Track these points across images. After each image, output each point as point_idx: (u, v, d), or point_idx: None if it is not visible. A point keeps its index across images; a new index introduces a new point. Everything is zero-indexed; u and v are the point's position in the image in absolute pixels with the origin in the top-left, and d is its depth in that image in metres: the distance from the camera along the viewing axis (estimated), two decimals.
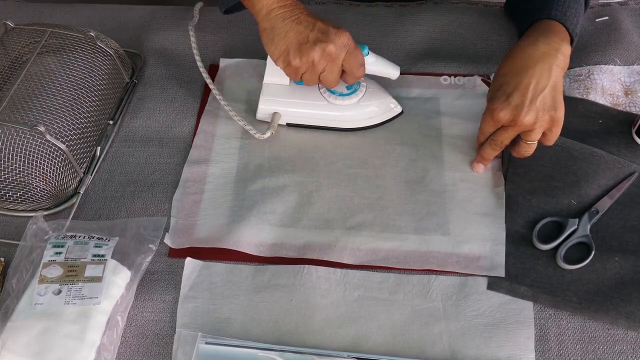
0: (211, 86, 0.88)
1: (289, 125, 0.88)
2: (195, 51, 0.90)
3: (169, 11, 1.04)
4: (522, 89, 0.77)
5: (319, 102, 0.86)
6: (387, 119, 0.88)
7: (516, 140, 0.81)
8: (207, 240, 0.77)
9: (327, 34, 0.77)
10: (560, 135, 0.85)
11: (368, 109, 0.86)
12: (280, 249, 0.77)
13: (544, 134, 0.80)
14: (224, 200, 0.81)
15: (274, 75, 0.85)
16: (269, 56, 0.82)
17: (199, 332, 0.70)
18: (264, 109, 0.86)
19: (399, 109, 0.88)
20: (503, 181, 0.82)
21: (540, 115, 0.77)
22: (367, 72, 0.83)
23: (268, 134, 0.85)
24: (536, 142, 0.80)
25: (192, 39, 0.90)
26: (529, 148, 0.80)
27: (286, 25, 0.78)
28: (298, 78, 0.81)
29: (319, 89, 0.86)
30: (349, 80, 0.82)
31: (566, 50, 0.80)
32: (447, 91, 0.92)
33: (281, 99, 0.86)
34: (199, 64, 0.89)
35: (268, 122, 0.86)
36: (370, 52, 0.83)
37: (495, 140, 0.80)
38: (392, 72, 0.85)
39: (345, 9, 1.04)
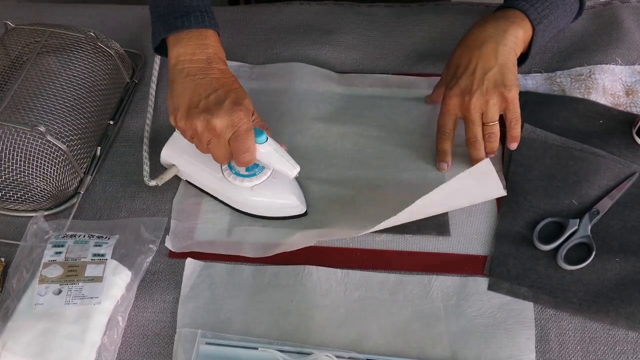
0: (147, 122, 0.88)
1: (187, 182, 0.82)
2: (154, 77, 0.90)
3: None
4: (469, 70, 0.79)
5: (215, 172, 0.78)
6: (280, 215, 0.79)
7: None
8: (208, 245, 0.77)
9: (218, 105, 0.70)
10: (561, 135, 0.86)
11: (261, 199, 0.78)
12: (280, 249, 0.77)
13: (505, 116, 0.80)
14: (224, 203, 0.81)
15: None
16: None
17: (199, 330, 0.70)
18: (166, 155, 0.81)
19: (300, 210, 0.79)
20: (504, 181, 0.82)
21: (490, 94, 0.78)
22: (259, 161, 0.74)
23: (153, 183, 0.80)
24: (497, 123, 0.80)
25: (156, 60, 0.89)
26: (492, 130, 0.80)
27: (186, 83, 0.72)
28: (188, 139, 0.74)
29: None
30: (236, 163, 0.73)
31: (515, 32, 0.81)
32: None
33: (183, 154, 0.80)
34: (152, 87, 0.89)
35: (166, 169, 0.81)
36: (269, 141, 0.73)
37: (470, 140, 0.81)
38: (287, 170, 0.74)
39: (346, 10, 1.04)
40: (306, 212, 0.79)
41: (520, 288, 0.73)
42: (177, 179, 0.83)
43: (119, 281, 0.71)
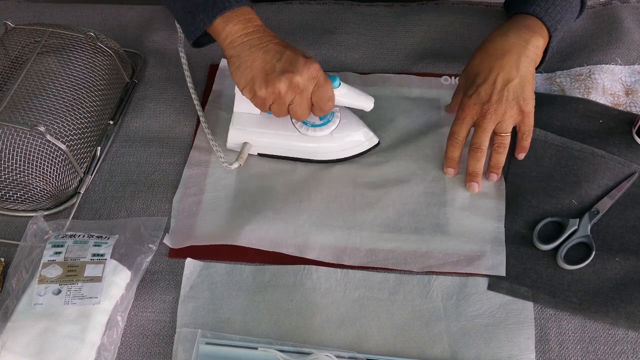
0: (199, 109, 0.88)
1: (260, 155, 0.85)
2: (187, 73, 0.89)
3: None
4: (490, 80, 0.79)
5: (290, 132, 0.82)
6: (361, 151, 0.84)
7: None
8: (206, 239, 0.77)
9: (294, 64, 0.73)
10: (561, 135, 0.86)
11: (341, 141, 0.83)
12: (279, 245, 0.77)
13: (518, 128, 0.80)
14: (224, 201, 0.81)
15: (244, 103, 0.81)
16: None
17: (198, 330, 0.70)
18: (234, 138, 0.83)
19: (375, 141, 0.84)
20: (503, 181, 0.82)
21: (509, 105, 0.78)
22: (338, 104, 0.79)
23: (236, 165, 0.81)
24: (509, 135, 0.80)
25: (183, 60, 0.89)
26: (503, 140, 0.80)
27: (253, 54, 0.74)
28: (266, 109, 0.77)
29: (291, 119, 0.82)
30: (317, 113, 0.78)
31: (537, 42, 0.81)
32: (447, 91, 0.92)
33: (252, 128, 0.82)
34: (190, 85, 0.89)
35: (238, 151, 0.83)
36: (341, 84, 0.78)
37: (474, 145, 0.80)
38: (364, 104, 0.81)
39: (346, 9, 1.04)
40: (379, 142, 0.84)
41: (520, 288, 0.73)
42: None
43: (118, 281, 0.71)
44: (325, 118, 0.82)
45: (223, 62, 0.96)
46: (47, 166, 0.77)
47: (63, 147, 0.77)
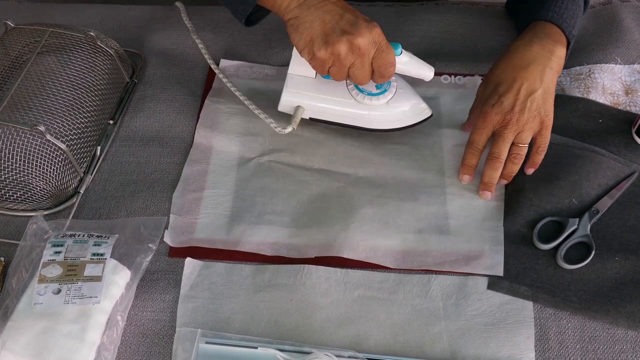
0: (226, 81, 0.87)
1: (312, 119, 0.84)
2: (203, 50, 0.90)
3: (169, 11, 1.04)
4: (514, 90, 0.78)
5: (346, 99, 0.81)
6: (415, 122, 0.83)
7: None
8: (207, 241, 0.77)
9: (356, 26, 0.71)
10: (561, 134, 0.86)
11: (397, 110, 0.82)
12: (280, 247, 0.77)
13: (534, 140, 0.80)
14: (224, 199, 0.81)
15: (299, 66, 0.80)
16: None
17: (198, 329, 0.70)
18: (288, 101, 0.82)
19: (428, 112, 0.84)
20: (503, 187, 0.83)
21: (531, 116, 0.77)
22: (398, 72, 0.78)
23: (289, 129, 0.81)
24: (527, 146, 0.80)
25: (201, 46, 0.90)
26: (520, 151, 0.79)
27: (312, 14, 0.72)
28: (325, 72, 0.75)
29: (347, 86, 0.82)
30: (377, 79, 0.77)
31: (560, 52, 0.80)
32: (447, 91, 0.92)
33: (306, 92, 0.81)
34: (210, 61, 0.89)
35: (289, 114, 0.83)
36: (403, 52, 0.77)
37: (493, 154, 0.79)
38: (425, 73, 0.80)
39: None
40: (432, 114, 0.84)
41: (519, 287, 0.73)
42: None
43: (118, 280, 0.71)
44: (382, 87, 0.81)
45: (223, 63, 0.95)
46: (47, 166, 0.77)
47: (63, 146, 0.77)
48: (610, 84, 0.91)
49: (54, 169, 0.77)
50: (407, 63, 0.78)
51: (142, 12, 1.04)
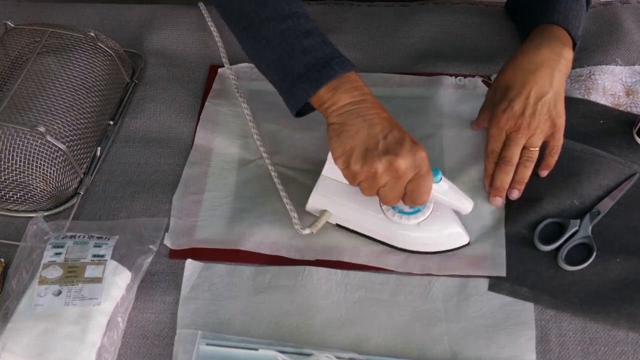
0: (245, 108, 0.87)
1: (338, 226, 0.78)
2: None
3: (170, 11, 1.04)
4: (524, 94, 0.78)
5: (375, 213, 0.75)
6: (447, 249, 0.77)
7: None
8: (207, 242, 0.77)
9: (400, 145, 0.67)
10: None
11: (428, 234, 0.75)
12: (280, 248, 0.77)
13: (547, 143, 0.80)
14: (224, 201, 0.81)
15: (334, 170, 0.73)
16: None
17: (199, 331, 0.70)
18: (315, 203, 0.77)
19: (465, 241, 0.76)
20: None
21: (542, 120, 0.77)
22: (434, 199, 0.73)
23: (307, 231, 0.76)
24: (538, 150, 0.80)
25: (225, 60, 0.91)
26: (532, 155, 0.79)
27: (358, 124, 0.68)
28: (355, 184, 0.71)
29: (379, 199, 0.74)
30: (407, 203, 0.71)
31: (568, 55, 0.80)
32: (447, 91, 0.92)
33: (336, 197, 0.76)
34: (226, 64, 0.91)
35: (315, 215, 0.78)
36: (443, 179, 0.72)
37: (505, 158, 0.79)
38: (463, 206, 0.74)
39: (346, 9, 1.04)
40: (469, 242, 0.77)
41: (520, 288, 0.73)
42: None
43: (118, 282, 0.70)
44: (416, 207, 0.75)
45: (223, 68, 0.95)
46: (47, 167, 0.77)
47: (63, 147, 0.77)
48: (611, 85, 0.91)
49: (54, 170, 0.77)
50: (445, 193, 0.73)
51: (143, 12, 1.04)
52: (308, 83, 0.69)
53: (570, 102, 0.89)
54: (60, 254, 0.71)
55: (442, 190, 0.72)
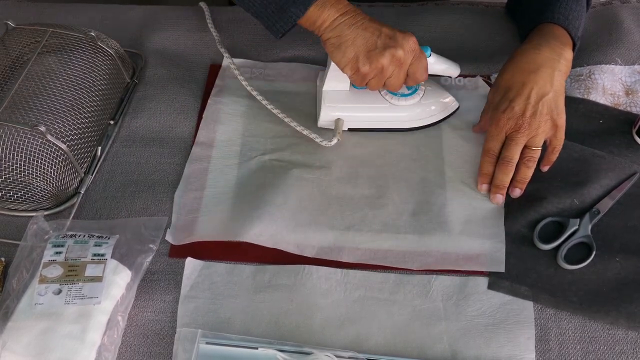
0: (261, 99, 0.88)
1: (350, 130, 0.87)
2: (226, 55, 0.93)
3: (170, 11, 1.04)
4: (524, 94, 0.78)
5: (381, 104, 0.86)
6: (446, 115, 0.88)
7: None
8: (208, 236, 0.78)
9: (394, 39, 0.76)
10: None
11: (429, 107, 0.86)
12: (279, 241, 0.77)
13: (549, 142, 0.80)
14: (225, 197, 0.81)
15: (334, 81, 0.84)
16: (331, 63, 0.81)
17: (199, 330, 0.70)
18: (327, 116, 0.86)
19: (456, 105, 0.88)
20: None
21: (543, 119, 0.77)
22: (430, 72, 0.82)
23: (335, 141, 0.84)
24: (540, 149, 0.80)
25: (226, 55, 0.92)
26: (533, 154, 0.79)
27: (353, 32, 0.76)
28: (364, 84, 0.80)
29: (380, 92, 0.86)
30: (410, 83, 0.82)
31: (568, 55, 0.81)
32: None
33: (343, 104, 0.85)
34: (228, 58, 0.92)
35: (329, 129, 0.86)
36: (432, 54, 0.82)
37: (505, 158, 0.79)
38: (453, 71, 0.86)
39: None
40: (459, 107, 0.88)
41: (520, 287, 0.73)
42: None
43: (119, 281, 0.71)
44: (413, 87, 0.86)
45: (225, 62, 0.95)
46: (48, 166, 0.77)
47: (64, 147, 0.77)
48: (611, 84, 0.91)
49: (54, 169, 0.77)
50: (437, 63, 0.83)
51: (143, 12, 1.04)
52: (296, 6, 0.77)
53: (570, 102, 0.89)
54: (60, 253, 0.71)
55: (433, 62, 0.83)
